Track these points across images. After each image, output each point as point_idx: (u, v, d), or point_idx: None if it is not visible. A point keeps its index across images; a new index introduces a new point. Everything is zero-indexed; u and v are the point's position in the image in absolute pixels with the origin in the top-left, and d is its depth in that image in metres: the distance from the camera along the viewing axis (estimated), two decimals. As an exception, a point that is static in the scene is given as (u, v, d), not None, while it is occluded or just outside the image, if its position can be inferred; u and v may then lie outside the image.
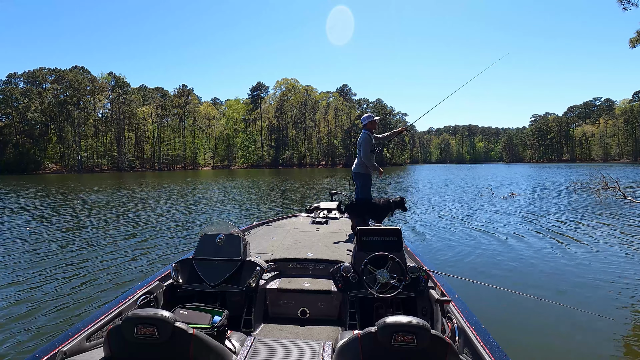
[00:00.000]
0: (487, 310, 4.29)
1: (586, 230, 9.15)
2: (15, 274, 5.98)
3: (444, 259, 6.71)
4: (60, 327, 4.00)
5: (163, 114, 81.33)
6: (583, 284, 5.40)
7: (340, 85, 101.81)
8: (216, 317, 2.29)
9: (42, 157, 66.50)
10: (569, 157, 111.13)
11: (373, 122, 5.45)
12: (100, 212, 13.36)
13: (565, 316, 4.18)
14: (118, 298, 2.65)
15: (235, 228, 3.34)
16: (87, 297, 4.94)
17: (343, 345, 1.70)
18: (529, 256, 6.87)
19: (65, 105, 67.86)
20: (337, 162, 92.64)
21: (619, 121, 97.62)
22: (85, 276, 5.83)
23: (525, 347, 3.62)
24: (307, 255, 3.72)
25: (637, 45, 15.23)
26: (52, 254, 7.19)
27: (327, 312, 3.21)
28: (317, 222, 5.55)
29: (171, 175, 49.36)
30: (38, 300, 4.85)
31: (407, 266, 2.90)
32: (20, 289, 5.26)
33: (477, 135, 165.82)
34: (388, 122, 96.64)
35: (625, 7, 14.11)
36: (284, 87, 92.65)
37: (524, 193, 18.72)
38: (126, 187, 26.05)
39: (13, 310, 4.51)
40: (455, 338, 2.27)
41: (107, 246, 7.84)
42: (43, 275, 5.86)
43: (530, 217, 11.32)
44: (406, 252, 3.36)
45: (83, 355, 2.02)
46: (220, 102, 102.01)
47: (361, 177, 5.44)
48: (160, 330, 1.65)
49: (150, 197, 18.53)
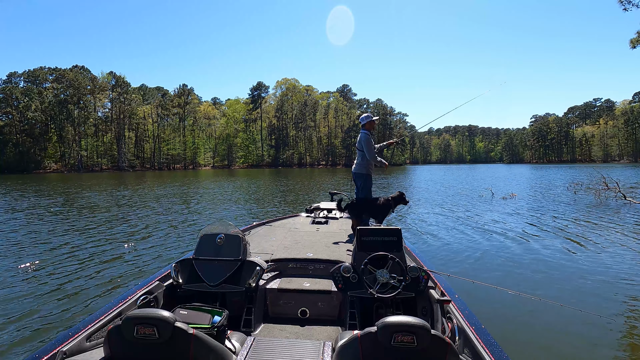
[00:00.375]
0: (487, 310, 4.29)
1: (586, 230, 9.14)
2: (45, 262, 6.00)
3: (444, 259, 6.71)
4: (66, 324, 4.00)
5: (163, 114, 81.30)
6: (583, 284, 5.40)
7: (341, 85, 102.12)
8: (216, 317, 2.30)
9: (42, 157, 66.48)
10: (569, 157, 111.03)
11: (372, 122, 5.46)
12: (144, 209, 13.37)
13: (565, 316, 4.17)
14: (118, 298, 2.64)
15: (235, 228, 3.34)
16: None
17: (343, 345, 1.70)
18: (529, 256, 6.87)
19: (65, 105, 67.89)
20: (337, 162, 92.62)
21: (619, 122, 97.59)
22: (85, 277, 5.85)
23: (525, 347, 3.62)
24: (307, 255, 3.72)
25: (637, 45, 15.25)
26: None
27: (327, 312, 3.20)
28: (317, 222, 5.55)
29: (171, 175, 49.35)
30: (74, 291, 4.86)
31: (407, 266, 2.90)
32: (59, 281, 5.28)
33: (477, 135, 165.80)
34: (388, 122, 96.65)
35: (626, 8, 14.15)
36: (284, 87, 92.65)
37: (523, 194, 18.72)
38: (141, 186, 26.06)
39: (15, 308, 4.52)
40: (455, 338, 2.27)
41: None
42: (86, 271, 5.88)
43: (530, 217, 11.32)
44: (406, 252, 3.36)
45: (83, 355, 2.02)
46: (221, 101, 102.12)
47: (362, 177, 5.43)
48: (160, 330, 1.66)
49: (159, 197, 18.55)
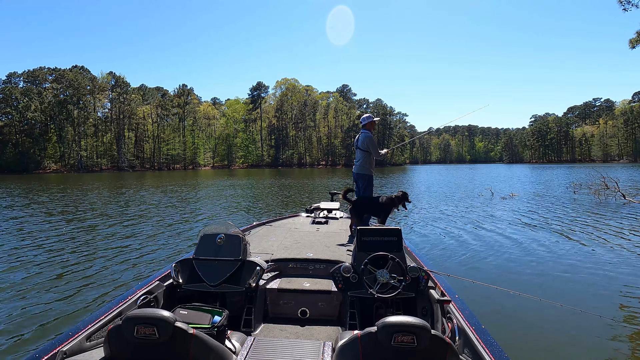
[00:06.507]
0: (487, 310, 4.28)
1: (586, 230, 9.14)
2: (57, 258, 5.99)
3: (444, 259, 6.71)
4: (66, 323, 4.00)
5: (163, 114, 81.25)
6: (583, 284, 5.40)
7: (340, 85, 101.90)
8: (216, 317, 2.29)
9: (42, 157, 66.41)
10: (568, 157, 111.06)
11: (372, 122, 5.49)
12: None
13: (565, 316, 4.17)
14: (118, 298, 2.64)
15: (235, 228, 3.34)
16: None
17: (343, 345, 1.70)
18: (529, 256, 6.87)
19: (65, 105, 67.81)
20: (337, 162, 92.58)
21: (618, 122, 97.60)
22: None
23: (525, 347, 3.62)
24: (307, 255, 3.71)
25: (636, 45, 15.28)
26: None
27: (327, 312, 3.20)
28: (317, 222, 5.55)
29: (171, 175, 49.33)
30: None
31: (407, 266, 2.89)
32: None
33: (477, 135, 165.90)
34: (388, 122, 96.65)
35: (626, 8, 14.17)
36: (284, 87, 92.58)
37: (523, 193, 18.73)
38: (141, 186, 26.05)
39: (15, 308, 4.52)
40: (455, 338, 2.27)
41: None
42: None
43: (530, 217, 11.32)
44: (406, 252, 3.36)
45: (83, 355, 2.02)
46: (220, 101, 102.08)
47: (364, 178, 5.43)
48: (160, 330, 1.65)
49: (159, 196, 18.54)
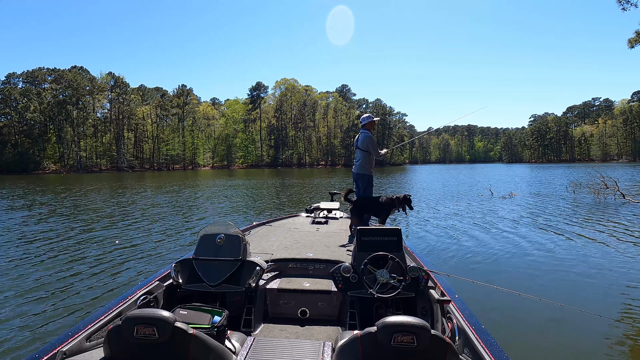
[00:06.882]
0: (487, 310, 4.29)
1: (586, 230, 9.15)
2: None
3: (444, 259, 6.71)
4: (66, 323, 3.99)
5: (162, 114, 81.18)
6: (583, 284, 5.40)
7: (340, 85, 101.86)
8: (216, 317, 2.29)
9: (41, 157, 66.34)
10: (568, 157, 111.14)
11: (372, 122, 5.50)
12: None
13: (565, 316, 4.18)
14: (118, 298, 2.64)
15: (235, 228, 3.34)
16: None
17: (343, 345, 1.70)
18: (529, 256, 6.87)
19: (64, 105, 67.71)
20: (336, 162, 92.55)
21: (617, 121, 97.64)
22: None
23: (525, 347, 3.62)
24: (307, 255, 3.71)
25: (635, 45, 15.29)
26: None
27: (327, 312, 3.20)
28: (317, 222, 5.55)
29: (171, 175, 49.29)
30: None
31: (407, 266, 2.89)
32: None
33: (476, 135, 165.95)
34: (388, 122, 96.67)
35: (625, 8, 14.16)
36: (284, 87, 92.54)
37: (522, 193, 18.74)
38: (141, 187, 26.03)
39: (15, 307, 4.51)
40: (455, 338, 2.27)
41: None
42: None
43: (529, 217, 11.33)
44: (406, 252, 3.36)
45: (83, 355, 2.02)
46: (220, 102, 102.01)
47: (364, 178, 5.44)
48: (160, 330, 1.65)
49: (159, 197, 18.52)
